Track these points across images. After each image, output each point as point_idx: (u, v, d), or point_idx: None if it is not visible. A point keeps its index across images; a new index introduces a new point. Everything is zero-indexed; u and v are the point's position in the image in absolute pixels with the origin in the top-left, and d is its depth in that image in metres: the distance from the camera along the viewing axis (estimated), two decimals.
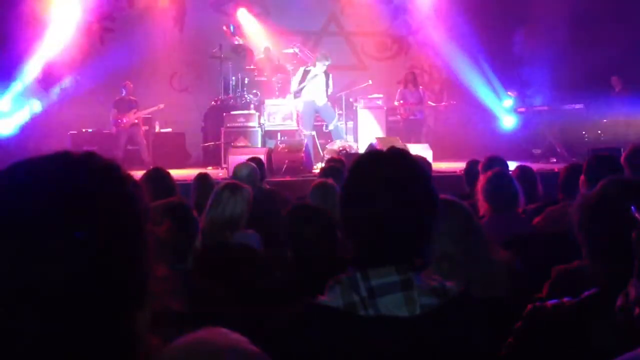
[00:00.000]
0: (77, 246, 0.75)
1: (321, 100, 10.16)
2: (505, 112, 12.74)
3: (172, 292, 0.87)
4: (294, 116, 10.86)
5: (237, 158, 7.83)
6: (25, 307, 0.73)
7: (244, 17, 12.72)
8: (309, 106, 10.22)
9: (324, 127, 10.71)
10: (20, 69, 11.05)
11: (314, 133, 10.42)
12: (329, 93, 10.24)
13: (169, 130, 12.32)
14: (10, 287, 0.73)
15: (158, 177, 4.16)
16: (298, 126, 10.70)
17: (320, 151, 10.26)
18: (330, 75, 10.27)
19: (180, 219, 2.33)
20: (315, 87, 10.10)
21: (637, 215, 1.38)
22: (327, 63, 10.06)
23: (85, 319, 0.76)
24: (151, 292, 0.84)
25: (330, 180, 3.94)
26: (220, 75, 11.86)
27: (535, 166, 6.06)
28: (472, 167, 5.17)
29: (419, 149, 9.00)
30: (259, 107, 11.20)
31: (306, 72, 10.17)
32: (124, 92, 10.95)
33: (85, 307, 0.75)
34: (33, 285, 0.74)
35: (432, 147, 9.86)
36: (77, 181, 0.80)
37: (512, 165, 5.20)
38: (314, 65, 10.19)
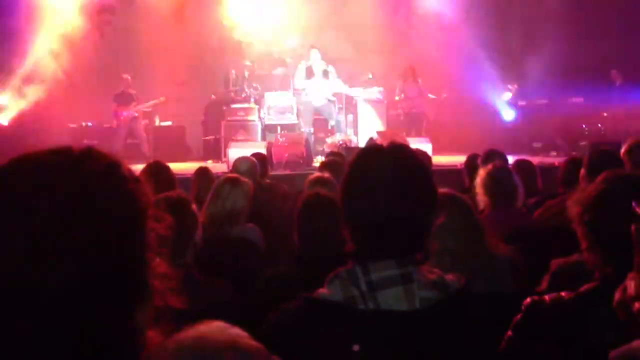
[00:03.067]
0: (77, 243, 0.75)
1: (319, 101, 10.18)
2: (504, 106, 12.72)
3: (172, 288, 0.87)
4: (294, 110, 10.85)
5: (237, 152, 7.83)
6: (25, 304, 0.73)
7: (244, 9, 12.67)
8: (307, 105, 10.27)
9: (328, 125, 10.71)
10: (19, 62, 11.03)
11: (312, 130, 10.42)
12: (335, 89, 10.21)
13: (169, 123, 12.31)
14: (11, 284, 0.73)
15: (158, 171, 4.16)
16: (298, 120, 10.70)
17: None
18: (333, 70, 10.24)
19: (179, 213, 2.33)
20: (314, 86, 10.10)
21: (638, 210, 1.38)
22: (316, 51, 10.11)
23: (86, 315, 0.76)
24: (152, 289, 0.84)
25: (326, 174, 3.93)
26: (220, 68, 11.83)
27: (535, 160, 6.06)
28: (471, 161, 5.17)
29: (419, 143, 9.00)
30: (259, 101, 11.20)
31: (309, 69, 10.16)
32: (123, 86, 10.94)
33: (85, 303, 0.76)
34: (33, 281, 0.74)
35: (432, 140, 9.85)
36: (79, 177, 0.80)
37: (512, 159, 5.19)
38: (307, 59, 10.23)
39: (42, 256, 0.74)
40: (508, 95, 12.63)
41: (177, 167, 7.53)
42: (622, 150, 4.22)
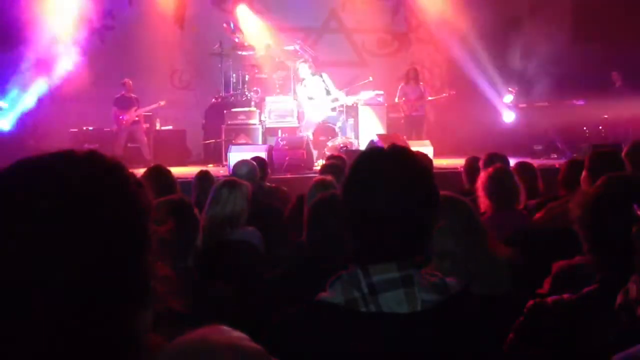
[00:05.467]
0: (79, 246, 0.76)
1: (320, 116, 10.28)
2: (505, 108, 12.73)
3: (173, 291, 0.87)
4: (295, 113, 10.87)
5: (237, 155, 7.83)
6: (25, 306, 0.74)
7: (244, 13, 12.70)
8: (308, 122, 10.38)
9: (336, 128, 10.72)
10: (20, 67, 11.05)
11: (311, 137, 10.44)
12: (332, 94, 10.27)
13: (170, 127, 12.32)
14: (12, 287, 0.74)
15: (159, 175, 4.16)
16: (299, 123, 10.71)
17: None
18: (325, 76, 10.31)
19: (181, 217, 2.33)
20: (314, 106, 10.22)
21: (639, 212, 1.38)
22: (306, 65, 10.21)
23: (86, 318, 0.76)
24: (154, 292, 0.84)
25: (329, 177, 3.93)
26: (220, 72, 11.85)
27: (536, 162, 6.06)
28: (472, 163, 5.17)
29: (420, 146, 9.00)
30: (259, 105, 11.20)
31: (308, 91, 10.27)
32: (123, 90, 10.96)
33: (86, 306, 0.76)
34: (34, 285, 0.74)
35: (433, 143, 9.85)
36: (81, 181, 0.80)
37: (513, 161, 5.19)
38: (302, 80, 10.34)
39: (43, 259, 0.74)
40: (509, 98, 12.64)
41: (178, 171, 7.53)
42: (623, 152, 4.22)
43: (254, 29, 12.66)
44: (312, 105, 10.30)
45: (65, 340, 0.74)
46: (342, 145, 9.86)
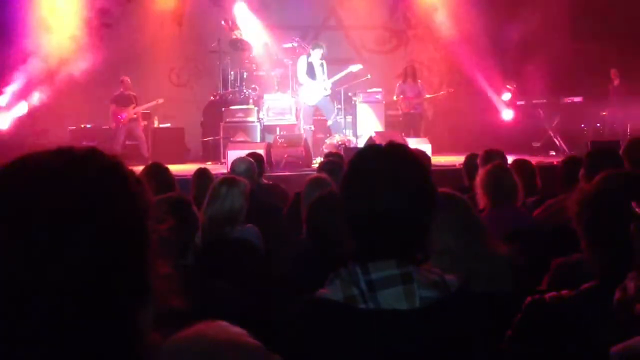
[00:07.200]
0: (80, 244, 0.76)
1: (317, 98, 10.22)
2: (504, 106, 12.73)
3: (173, 289, 0.87)
4: (293, 111, 10.86)
5: (236, 153, 7.82)
6: (26, 304, 0.74)
7: (243, 11, 12.68)
8: (306, 109, 10.35)
9: (328, 123, 10.71)
10: (19, 65, 11.03)
11: (312, 128, 10.43)
12: (327, 84, 10.24)
13: (168, 125, 12.31)
14: (13, 285, 0.74)
15: (157, 172, 4.16)
16: (297, 120, 10.70)
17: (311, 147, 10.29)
18: (324, 64, 10.31)
19: (180, 215, 2.33)
20: (311, 85, 10.16)
21: (637, 209, 1.38)
22: (321, 51, 10.15)
23: (88, 317, 0.76)
24: (154, 290, 0.84)
25: (324, 175, 3.94)
26: (219, 69, 11.83)
27: (534, 159, 6.06)
28: (471, 160, 5.17)
29: (418, 143, 9.00)
30: (257, 102, 11.19)
31: (310, 65, 10.19)
32: (122, 87, 10.94)
33: (87, 305, 0.76)
34: (35, 283, 0.74)
35: (431, 141, 9.86)
36: (81, 178, 0.80)
37: (512, 159, 5.19)
38: (309, 55, 10.25)
39: (43, 257, 0.74)
40: (507, 95, 12.63)
41: (176, 168, 7.52)
42: (621, 149, 4.23)
43: (252, 27, 12.63)
44: (305, 88, 10.28)
45: (65, 339, 0.74)
46: (340, 142, 9.86)
